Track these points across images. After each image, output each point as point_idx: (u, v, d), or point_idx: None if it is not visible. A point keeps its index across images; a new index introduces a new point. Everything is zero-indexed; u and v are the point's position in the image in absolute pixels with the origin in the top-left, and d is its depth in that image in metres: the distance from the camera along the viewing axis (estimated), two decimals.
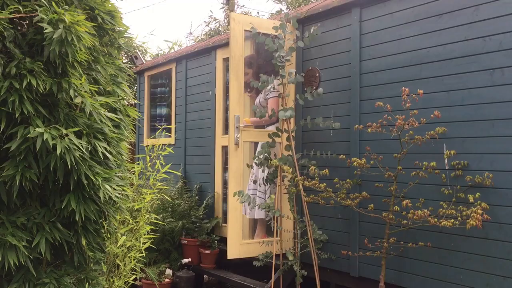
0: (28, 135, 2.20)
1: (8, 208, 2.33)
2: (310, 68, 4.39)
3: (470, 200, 3.04)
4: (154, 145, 3.03)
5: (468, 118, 3.23)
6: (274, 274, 4.09)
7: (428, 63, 3.48)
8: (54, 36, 2.25)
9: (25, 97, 2.25)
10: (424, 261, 3.43)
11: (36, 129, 2.22)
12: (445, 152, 3.30)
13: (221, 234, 5.28)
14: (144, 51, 9.91)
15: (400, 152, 3.41)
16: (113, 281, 2.63)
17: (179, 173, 3.62)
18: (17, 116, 2.23)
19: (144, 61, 7.65)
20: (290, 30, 4.25)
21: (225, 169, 5.37)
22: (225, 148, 5.33)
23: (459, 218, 3.06)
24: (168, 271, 5.00)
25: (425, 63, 3.50)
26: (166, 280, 4.86)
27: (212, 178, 5.54)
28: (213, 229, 5.31)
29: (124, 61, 2.92)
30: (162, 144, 4.29)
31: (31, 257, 2.30)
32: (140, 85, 7.22)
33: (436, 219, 3.13)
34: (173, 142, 6.25)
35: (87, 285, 2.45)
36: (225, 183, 5.34)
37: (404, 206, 3.27)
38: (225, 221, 5.13)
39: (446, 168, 3.32)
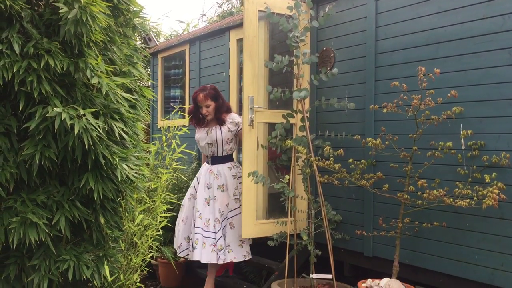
0: (47, 115, 2.23)
1: (28, 186, 2.38)
2: (324, 48, 4.35)
3: (487, 180, 3.02)
4: (170, 126, 3.07)
5: (486, 98, 3.20)
6: (288, 253, 4.12)
7: (445, 42, 3.43)
8: (69, 16, 2.26)
9: (43, 77, 2.27)
10: (439, 241, 3.43)
11: (55, 108, 2.25)
12: (461, 132, 3.27)
13: None
14: (157, 33, 9.90)
15: (415, 133, 3.39)
16: (131, 258, 2.68)
17: (195, 153, 3.68)
18: (35, 96, 2.26)
19: (157, 43, 7.65)
20: (305, 10, 4.21)
21: (239, 150, 5.39)
22: None
23: (475, 198, 3.05)
24: None
25: (442, 42, 3.45)
26: (182, 259, 4.92)
27: None
28: None
29: (137, 43, 2.94)
30: (177, 125, 4.32)
31: (51, 234, 2.35)
32: (153, 67, 7.23)
33: (451, 199, 3.12)
34: (187, 124, 6.27)
35: (105, 262, 2.50)
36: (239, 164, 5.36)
37: (419, 186, 3.27)
38: None
39: (462, 148, 3.29)
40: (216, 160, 4.39)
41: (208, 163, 4.40)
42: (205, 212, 4.21)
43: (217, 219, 4.22)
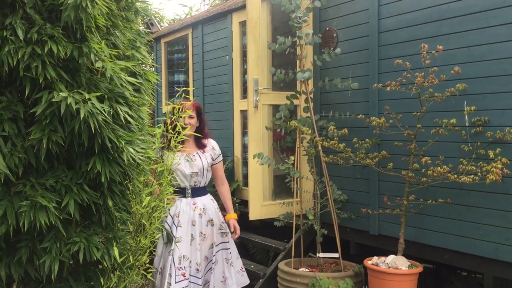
0: (53, 100, 2.25)
1: (37, 171, 2.41)
2: (327, 28, 4.34)
3: (491, 156, 3.04)
4: (174, 107, 3.10)
5: (489, 74, 3.19)
6: (295, 234, 4.17)
7: (448, 19, 3.42)
8: (69, 2, 2.27)
9: (48, 63, 2.28)
10: (444, 218, 3.46)
11: (60, 93, 2.26)
12: (465, 109, 3.28)
13: (241, 197, 5.37)
14: (160, 18, 9.87)
15: (419, 110, 3.40)
16: (140, 240, 2.72)
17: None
18: (41, 81, 2.28)
19: (159, 27, 7.63)
20: None
21: (244, 133, 5.42)
22: (243, 113, 5.36)
23: (479, 174, 3.06)
24: None
25: (445, 19, 3.43)
26: None
27: (231, 143, 5.59)
28: (233, 192, 5.39)
29: (140, 28, 2.94)
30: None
31: (61, 217, 2.39)
32: (157, 52, 7.23)
33: (455, 176, 3.14)
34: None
35: (115, 243, 2.54)
36: (244, 147, 5.40)
37: (424, 163, 3.28)
38: (245, 184, 5.21)
39: (466, 125, 3.30)
40: (197, 192, 3.63)
41: (185, 196, 3.58)
42: (187, 253, 3.49)
43: (206, 257, 3.60)
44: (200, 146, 3.67)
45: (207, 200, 3.68)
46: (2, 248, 2.38)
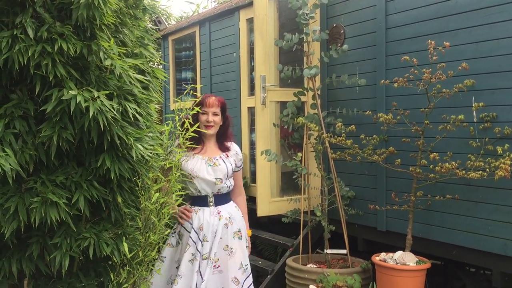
0: (62, 98, 2.28)
1: (47, 167, 2.44)
2: (334, 25, 4.34)
3: (499, 152, 3.03)
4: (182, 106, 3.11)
5: (497, 69, 3.18)
6: (303, 230, 4.18)
7: (455, 15, 3.41)
8: (81, 1, 2.30)
9: (57, 61, 2.31)
10: (452, 214, 3.46)
11: (70, 91, 2.29)
12: (473, 105, 3.27)
13: (249, 193, 5.37)
14: (167, 15, 9.89)
15: (427, 107, 3.40)
16: (149, 235, 2.75)
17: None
18: (51, 79, 2.30)
19: (167, 25, 7.66)
20: None
21: (251, 130, 5.43)
22: (250, 110, 5.37)
23: (487, 170, 3.06)
24: None
25: (453, 14, 3.43)
26: None
27: (238, 140, 5.61)
28: None
29: (148, 25, 2.96)
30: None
31: (71, 213, 2.42)
32: (164, 50, 7.26)
33: (464, 172, 3.14)
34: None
35: (124, 239, 2.56)
36: (252, 144, 5.41)
37: (432, 159, 3.28)
38: (253, 181, 5.23)
39: (474, 120, 3.29)
40: (221, 199, 3.11)
41: (207, 205, 3.08)
42: (212, 278, 2.96)
43: (235, 279, 2.98)
44: (224, 149, 3.16)
45: (232, 208, 3.12)
46: (14, 244, 2.41)
